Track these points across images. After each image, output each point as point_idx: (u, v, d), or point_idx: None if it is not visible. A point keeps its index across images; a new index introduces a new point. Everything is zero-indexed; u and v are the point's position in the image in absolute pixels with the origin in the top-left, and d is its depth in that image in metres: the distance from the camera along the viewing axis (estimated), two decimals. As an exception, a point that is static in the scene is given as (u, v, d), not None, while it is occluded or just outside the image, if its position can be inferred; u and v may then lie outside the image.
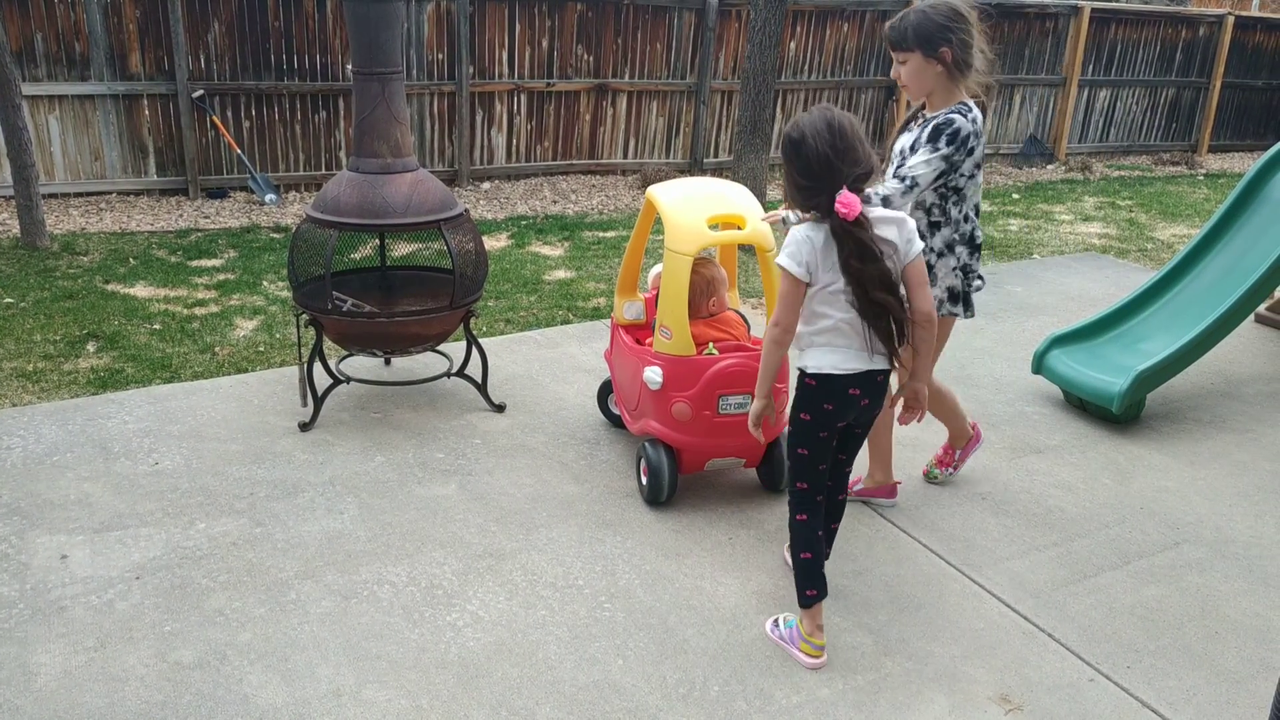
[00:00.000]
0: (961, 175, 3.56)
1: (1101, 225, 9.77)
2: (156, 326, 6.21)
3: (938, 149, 3.44)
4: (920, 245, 3.05)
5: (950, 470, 4.28)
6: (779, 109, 11.31)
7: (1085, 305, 6.80)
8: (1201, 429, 4.99)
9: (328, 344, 4.78)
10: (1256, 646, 3.43)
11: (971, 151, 3.53)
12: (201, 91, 9.15)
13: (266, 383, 5.10)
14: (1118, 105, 13.23)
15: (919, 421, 3.29)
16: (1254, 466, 4.65)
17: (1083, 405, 5.01)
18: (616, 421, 4.73)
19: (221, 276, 7.23)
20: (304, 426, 4.59)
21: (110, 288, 6.86)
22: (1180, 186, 11.86)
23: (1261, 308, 6.21)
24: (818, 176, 2.88)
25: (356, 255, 5.23)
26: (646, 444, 4.05)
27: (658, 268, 4.36)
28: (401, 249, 5.50)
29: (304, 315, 4.53)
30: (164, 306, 6.54)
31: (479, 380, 4.83)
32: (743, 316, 4.26)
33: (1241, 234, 5.26)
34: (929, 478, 4.32)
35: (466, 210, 4.61)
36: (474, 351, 4.84)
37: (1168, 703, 3.14)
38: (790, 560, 3.32)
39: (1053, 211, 10.32)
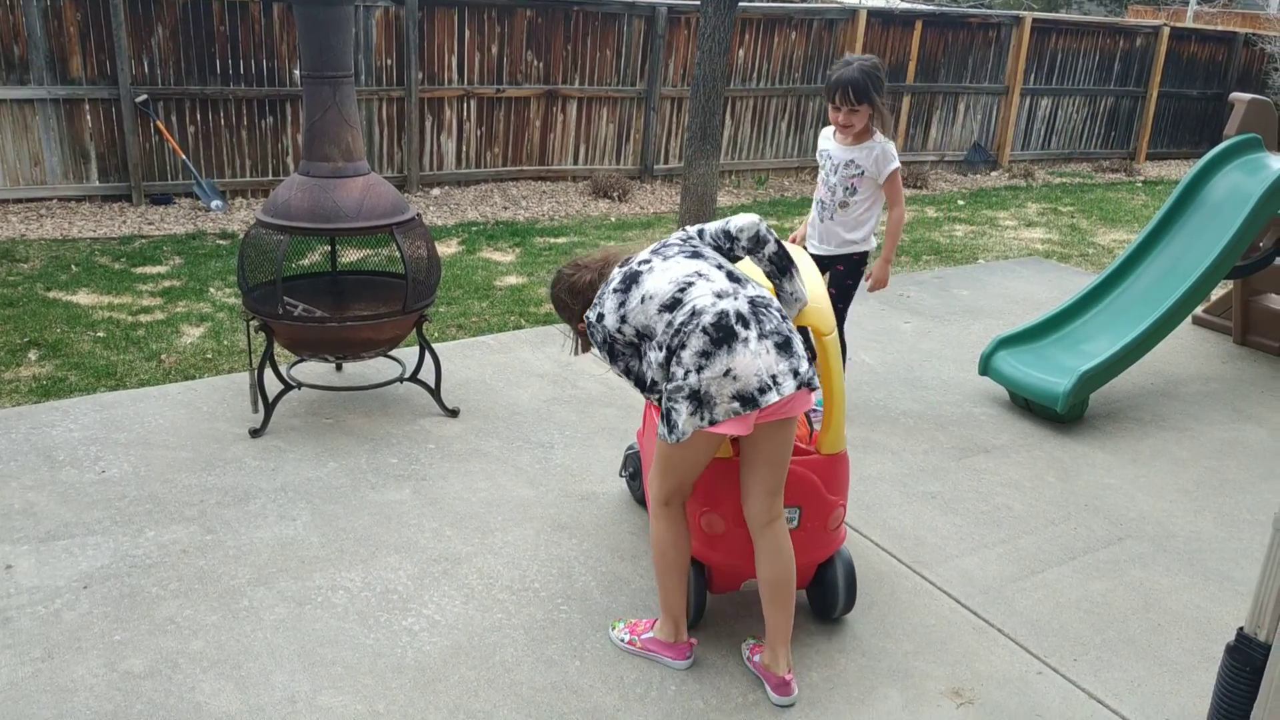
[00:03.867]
0: None
1: (1044, 231, 9.95)
2: (100, 334, 6.12)
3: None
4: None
5: None
6: (728, 115, 11.38)
7: (1029, 308, 6.93)
8: (1142, 427, 5.11)
9: (278, 349, 4.74)
10: (1197, 638, 3.52)
11: None
12: (145, 96, 9.02)
13: (216, 389, 5.04)
14: (1059, 113, 13.49)
15: None
16: (1193, 463, 4.77)
17: (1028, 405, 5.10)
18: (642, 500, 4.09)
19: (167, 283, 7.14)
20: (255, 433, 4.55)
21: (52, 295, 6.74)
22: (1120, 193, 12.11)
23: (1198, 309, 6.37)
24: None
25: (306, 260, 5.19)
26: None
27: None
28: (352, 254, 5.47)
29: (254, 320, 4.49)
30: (108, 314, 6.44)
31: (432, 385, 4.82)
32: (807, 418, 3.64)
33: (1179, 237, 5.39)
34: None
35: (419, 214, 4.60)
36: (427, 356, 4.82)
37: (1113, 694, 3.21)
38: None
39: (997, 217, 10.49)
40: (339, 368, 5.25)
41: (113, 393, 5.04)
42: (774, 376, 2.82)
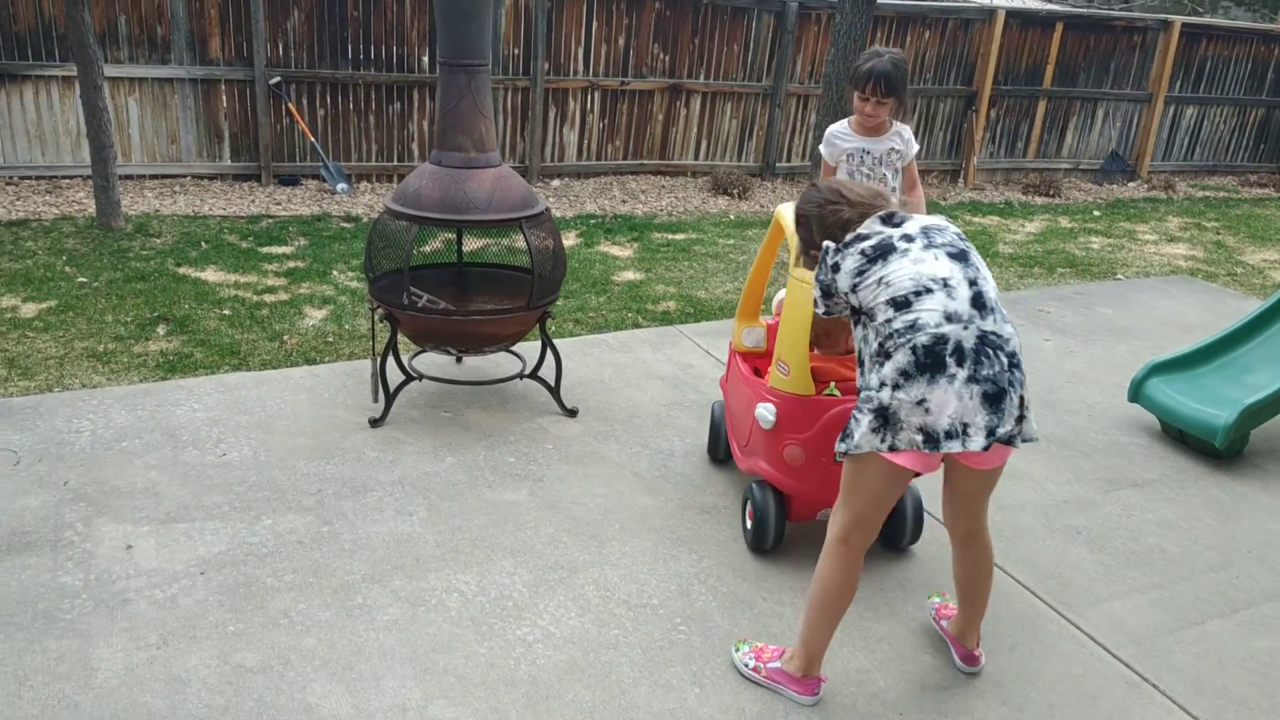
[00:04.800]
0: None
1: (1188, 246, 9.44)
2: (226, 312, 6.17)
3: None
4: None
5: None
6: (856, 115, 11.07)
7: (1179, 331, 6.53)
8: (1311, 465, 4.74)
9: (400, 339, 4.68)
10: (1379, 710, 3.20)
11: None
12: (279, 79, 9.14)
13: (337, 375, 5.02)
14: (1205, 123, 12.83)
15: None
16: (1368, 512, 4.39)
17: (1182, 437, 4.77)
18: (723, 464, 4.40)
19: (292, 264, 7.19)
20: (374, 423, 4.50)
21: (182, 271, 6.85)
22: (1269, 210, 11.46)
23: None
24: None
25: (427, 249, 5.14)
26: (754, 485, 3.73)
27: (783, 293, 4.03)
28: (475, 243, 5.39)
29: (378, 310, 4.43)
30: (234, 292, 6.51)
31: (552, 383, 4.71)
32: None
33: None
34: None
35: (548, 209, 4.49)
36: (548, 354, 4.71)
37: (1284, 767, 2.93)
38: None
39: (1136, 230, 10.00)
40: (459, 360, 5.18)
41: (236, 373, 5.05)
42: (965, 425, 2.62)
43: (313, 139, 9.37)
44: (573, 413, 4.71)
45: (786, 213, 3.74)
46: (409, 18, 9.43)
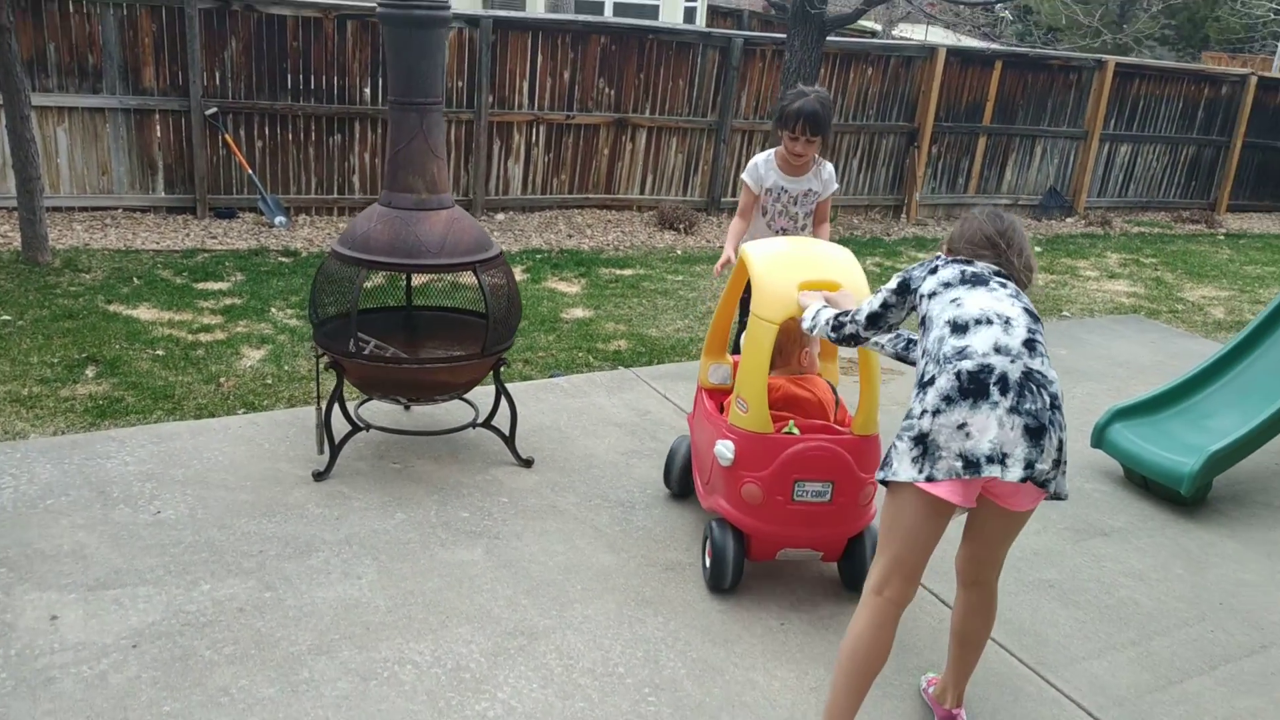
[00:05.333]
0: None
1: (1128, 283, 9.54)
2: (159, 352, 5.92)
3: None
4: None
5: None
6: (801, 151, 11.07)
7: (1133, 372, 6.54)
8: (1274, 514, 4.71)
9: (347, 387, 4.48)
10: (1364, 773, 3.13)
11: None
12: (215, 109, 8.89)
13: (278, 424, 4.79)
14: (1138, 160, 13.06)
15: None
16: (1334, 561, 4.37)
17: (1145, 484, 4.72)
18: (682, 494, 4.39)
19: (228, 301, 6.95)
20: (318, 476, 4.29)
21: (112, 308, 6.57)
22: (1203, 246, 11.66)
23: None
24: None
25: (368, 284, 4.94)
26: (714, 524, 3.71)
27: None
28: (422, 283, 5.20)
29: (324, 357, 4.23)
30: (168, 331, 6.25)
31: (507, 433, 4.53)
32: (834, 389, 3.90)
33: (1313, 310, 5.01)
34: None
35: (502, 252, 4.33)
36: (503, 402, 4.53)
37: (1276, 838, 2.84)
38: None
39: (1077, 267, 10.09)
40: (407, 409, 4.98)
41: (171, 423, 4.80)
42: (1005, 454, 2.60)
43: (250, 171, 9.12)
44: (528, 463, 4.54)
45: (752, 252, 3.74)
46: (350, 49, 9.24)
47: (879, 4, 7.88)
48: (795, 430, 3.58)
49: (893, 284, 2.97)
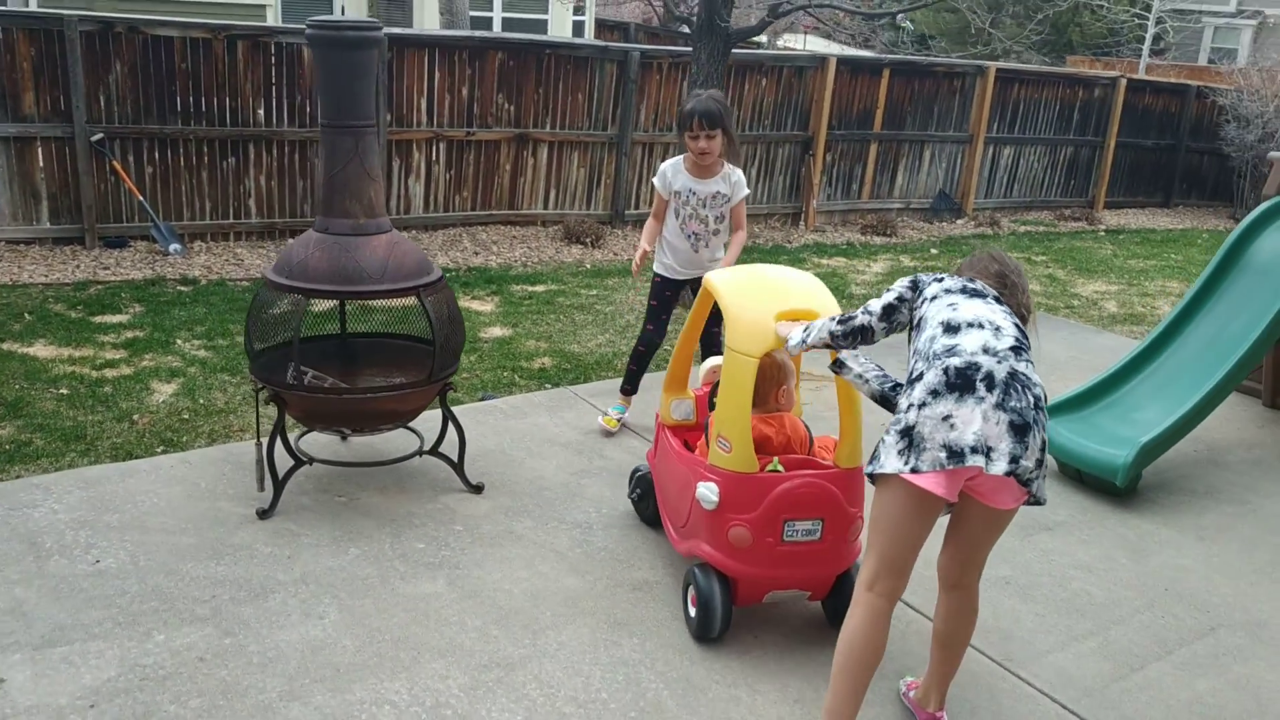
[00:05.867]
0: None
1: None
2: (64, 391, 5.65)
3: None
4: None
5: None
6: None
7: (1050, 368, 6.73)
8: (1199, 500, 4.91)
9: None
10: (1321, 743, 3.28)
11: None
12: (101, 135, 8.55)
13: (211, 461, 4.60)
14: (1020, 162, 13.53)
15: None
16: (1262, 541, 4.57)
17: (1080, 476, 4.87)
18: (651, 521, 4.24)
19: (130, 334, 6.68)
20: (263, 514, 4.13)
21: (6, 347, 6.25)
22: (1086, 242, 12.14)
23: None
24: None
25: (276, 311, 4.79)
26: (696, 570, 3.51)
27: (711, 361, 4.09)
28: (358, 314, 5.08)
29: (263, 390, 4.08)
30: (70, 368, 5.97)
31: (455, 459, 4.44)
32: (805, 426, 3.73)
33: (1224, 301, 5.24)
34: None
35: (443, 275, 4.25)
36: (449, 427, 4.44)
37: (1253, 814, 2.95)
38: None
39: (975, 267, 10.38)
40: (344, 439, 4.83)
41: (98, 466, 4.58)
42: (990, 446, 2.65)
43: (141, 198, 8.78)
44: (478, 489, 4.46)
45: (720, 283, 3.64)
46: (241, 69, 8.98)
47: (783, 16, 8.00)
48: (780, 468, 3.42)
49: (905, 282, 3.05)
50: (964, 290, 2.95)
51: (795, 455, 3.53)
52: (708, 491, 3.38)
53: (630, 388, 5.24)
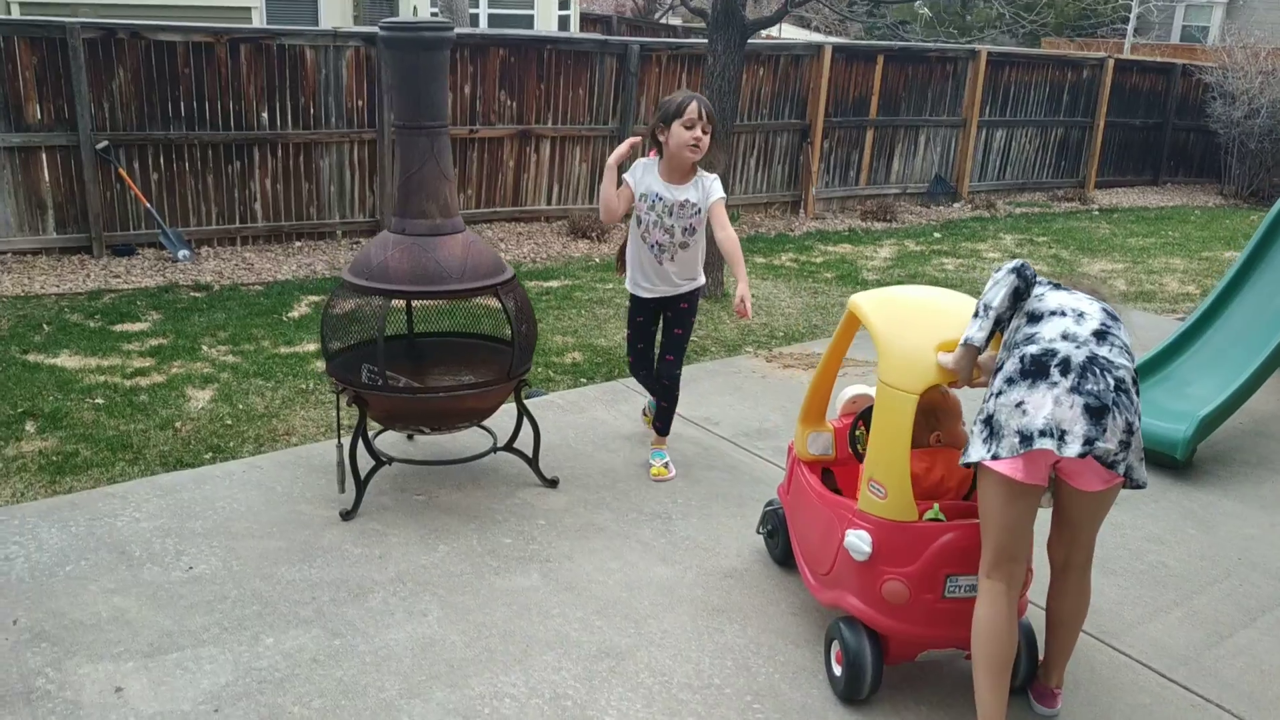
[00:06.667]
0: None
1: (1030, 262, 9.96)
2: (99, 400, 5.62)
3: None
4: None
5: None
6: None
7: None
8: (1254, 471, 5.01)
9: (346, 419, 4.32)
10: None
11: None
12: (106, 143, 8.48)
13: (283, 465, 4.60)
14: (1013, 144, 13.67)
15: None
16: (1319, 509, 4.68)
17: (1136, 451, 4.95)
18: (782, 562, 3.93)
19: (153, 341, 6.64)
20: (346, 515, 4.14)
21: (31, 358, 6.21)
22: (1082, 222, 12.28)
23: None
24: None
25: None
26: (843, 625, 3.20)
27: (850, 390, 3.74)
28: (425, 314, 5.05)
29: (344, 392, 4.08)
30: (100, 378, 5.94)
31: (530, 454, 4.46)
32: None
33: (1265, 277, 5.35)
34: None
35: (515, 274, 4.27)
36: (523, 423, 4.46)
37: (1363, 771, 3.04)
38: None
39: (978, 249, 10.51)
40: (410, 438, 4.85)
41: (172, 474, 4.57)
42: (1063, 430, 2.68)
43: (148, 205, 8.73)
44: (553, 483, 4.48)
45: (869, 308, 3.32)
46: (245, 73, 8.94)
47: (800, 5, 8.04)
48: (941, 516, 3.11)
49: (1007, 291, 2.95)
50: (1053, 284, 3.03)
51: (955, 501, 3.23)
52: (858, 541, 3.11)
53: (661, 427, 4.72)
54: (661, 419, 4.69)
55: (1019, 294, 2.97)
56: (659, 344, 4.63)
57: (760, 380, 6.06)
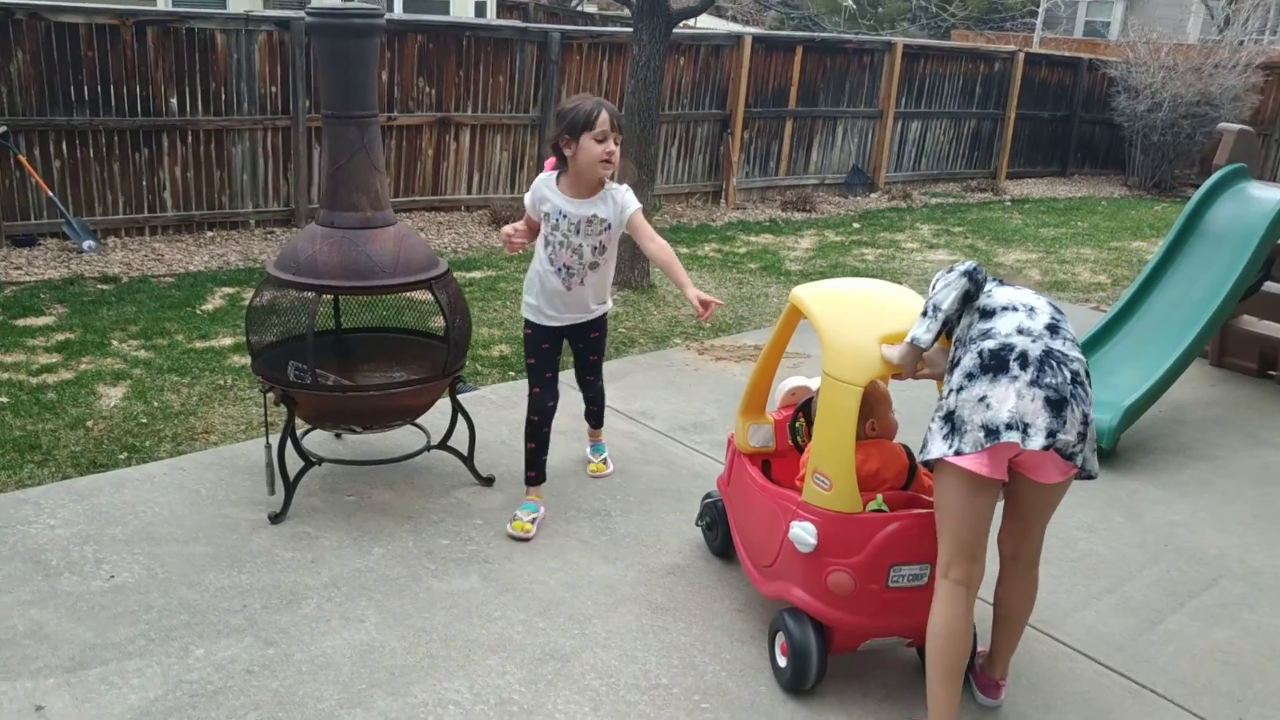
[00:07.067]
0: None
1: (948, 252, 10.14)
2: (3, 399, 5.38)
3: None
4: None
5: None
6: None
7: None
8: (1174, 458, 5.14)
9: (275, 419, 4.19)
10: (1337, 682, 3.49)
11: None
12: (5, 128, 8.11)
13: (205, 467, 4.44)
14: (928, 136, 13.87)
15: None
16: (1239, 494, 4.81)
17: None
18: (721, 554, 3.96)
19: (60, 336, 6.38)
20: (275, 518, 4.01)
21: (-72, 355, 5.91)
22: (995, 212, 12.52)
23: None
24: None
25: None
26: (787, 616, 3.22)
27: (789, 382, 3.78)
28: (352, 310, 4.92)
29: (271, 391, 3.95)
30: (3, 375, 5.68)
31: (465, 452, 4.37)
32: (908, 450, 3.40)
33: (1183, 268, 5.49)
34: None
35: (449, 267, 4.17)
36: (458, 420, 4.37)
37: (1294, 753, 3.13)
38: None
39: (897, 240, 10.64)
40: (339, 437, 4.72)
41: (87, 478, 4.37)
42: (1027, 424, 2.71)
43: (50, 193, 8.38)
44: (489, 481, 4.40)
45: (810, 300, 3.34)
46: (152, 57, 8.63)
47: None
48: (884, 507, 3.14)
49: (959, 292, 2.95)
50: (998, 280, 3.06)
51: (896, 490, 3.28)
52: (804, 533, 3.12)
53: (537, 475, 4.19)
54: (595, 415, 4.62)
55: (969, 296, 2.98)
56: (573, 368, 4.40)
57: (693, 373, 6.04)
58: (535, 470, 4.18)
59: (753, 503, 3.51)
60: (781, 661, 3.26)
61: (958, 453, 2.78)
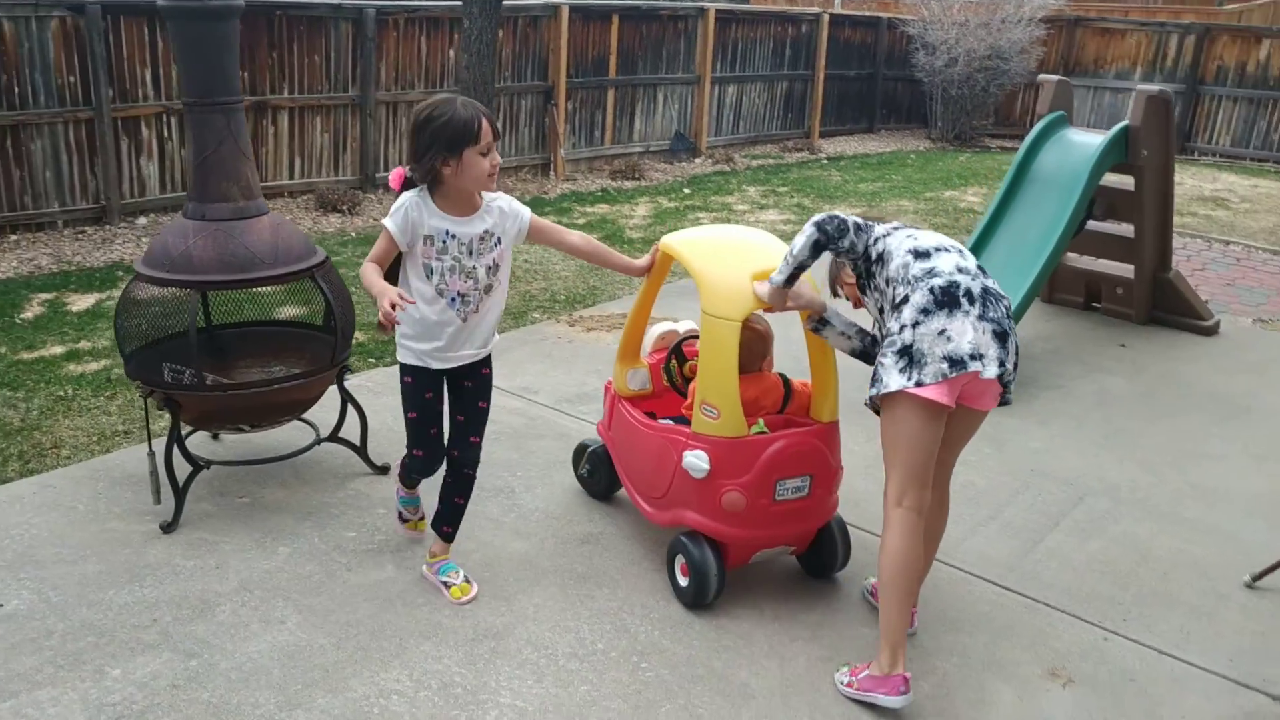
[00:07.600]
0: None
1: (778, 212, 10.45)
2: None
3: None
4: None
5: None
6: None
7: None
8: (1024, 390, 5.49)
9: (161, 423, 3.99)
10: (1199, 579, 3.85)
11: None
12: None
13: (79, 482, 4.19)
14: (744, 99, 14.20)
15: None
16: (1086, 417, 5.20)
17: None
18: (602, 496, 4.19)
19: None
20: (167, 527, 3.83)
21: None
22: (814, 171, 12.96)
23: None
24: None
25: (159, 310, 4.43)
26: (684, 539, 3.47)
27: (658, 328, 3.99)
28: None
29: (152, 394, 3.77)
30: None
31: (357, 443, 4.28)
32: (783, 377, 3.70)
33: (1019, 212, 5.85)
34: None
35: (327, 255, 4.06)
36: (348, 411, 4.27)
37: (1174, 645, 3.45)
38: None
39: (729, 203, 10.89)
40: (216, 437, 4.54)
41: (-55, 505, 4.06)
42: (983, 353, 2.91)
43: None
44: (384, 470, 4.33)
45: (681, 247, 3.56)
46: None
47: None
48: (766, 429, 3.44)
49: (848, 223, 3.17)
50: (913, 227, 3.24)
51: (773, 414, 3.57)
52: (697, 460, 3.35)
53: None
54: (454, 519, 3.65)
55: (818, 246, 3.15)
56: (451, 423, 3.63)
57: (568, 345, 6.06)
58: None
59: (639, 441, 3.70)
60: (683, 581, 3.50)
61: (918, 384, 2.92)
